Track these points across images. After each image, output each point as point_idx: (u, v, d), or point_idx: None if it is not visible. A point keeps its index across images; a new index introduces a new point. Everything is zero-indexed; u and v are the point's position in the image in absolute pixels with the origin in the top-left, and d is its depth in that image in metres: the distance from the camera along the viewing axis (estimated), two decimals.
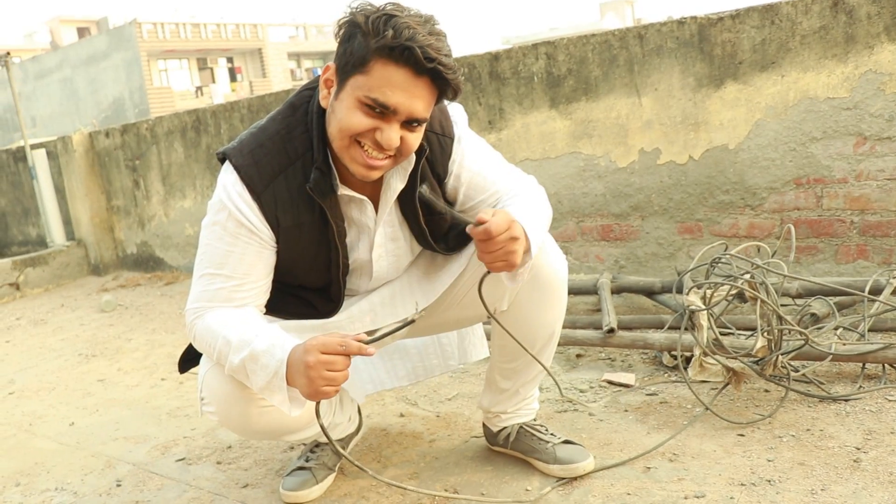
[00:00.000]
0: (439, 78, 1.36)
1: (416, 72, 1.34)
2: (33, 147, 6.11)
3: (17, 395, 3.05)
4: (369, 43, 1.33)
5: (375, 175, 1.45)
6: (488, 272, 1.50)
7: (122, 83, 27.97)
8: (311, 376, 1.33)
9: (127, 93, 27.85)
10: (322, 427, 1.46)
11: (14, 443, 2.50)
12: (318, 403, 1.45)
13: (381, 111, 1.36)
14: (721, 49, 2.85)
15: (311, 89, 1.53)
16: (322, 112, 1.47)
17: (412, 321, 1.45)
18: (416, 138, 1.43)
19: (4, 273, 5.42)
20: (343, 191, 1.51)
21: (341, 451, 1.49)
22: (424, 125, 1.45)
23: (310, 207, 1.50)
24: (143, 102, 27.31)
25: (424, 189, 1.50)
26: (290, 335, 1.45)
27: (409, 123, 1.39)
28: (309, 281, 1.62)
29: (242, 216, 1.48)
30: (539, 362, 1.72)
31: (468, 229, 1.40)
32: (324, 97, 1.45)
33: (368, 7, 1.36)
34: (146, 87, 27.51)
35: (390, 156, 1.43)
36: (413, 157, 1.51)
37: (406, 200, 1.57)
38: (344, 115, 1.39)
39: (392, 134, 1.37)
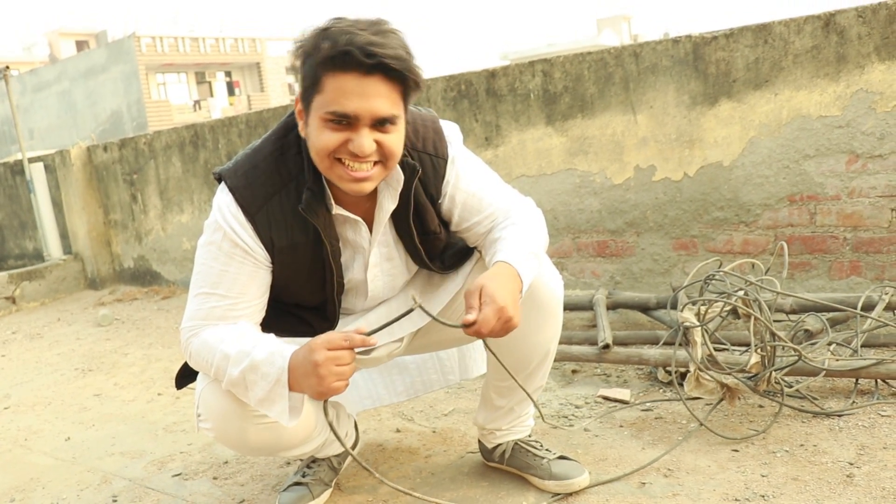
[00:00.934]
0: (391, 71, 1.34)
1: (363, 72, 1.33)
2: (31, 160, 6.12)
3: (13, 409, 3.05)
4: (314, 62, 1.35)
5: (368, 186, 1.43)
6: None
7: (121, 96, 28.03)
8: (322, 374, 1.35)
9: (125, 106, 27.90)
10: (330, 425, 1.48)
11: (9, 458, 2.49)
12: (325, 402, 1.46)
13: (345, 122, 1.36)
14: (715, 67, 2.89)
15: None
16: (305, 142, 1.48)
17: (411, 311, 1.43)
18: (394, 139, 1.41)
19: (1, 286, 5.41)
20: (338, 211, 1.52)
21: (348, 447, 1.51)
22: (402, 124, 1.43)
23: (304, 228, 1.51)
24: (140, 116, 27.36)
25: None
26: (286, 344, 1.46)
27: (380, 125, 1.38)
28: (304, 300, 1.63)
29: (237, 237, 1.49)
30: (525, 390, 1.70)
31: (463, 331, 1.40)
32: (301, 129, 1.46)
33: (310, 29, 1.38)
34: (144, 100, 27.56)
35: (376, 162, 1.41)
36: (401, 177, 1.51)
37: (400, 220, 1.58)
38: (315, 138, 1.40)
39: (363, 140, 1.36)
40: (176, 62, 30.83)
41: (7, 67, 6.28)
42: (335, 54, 1.32)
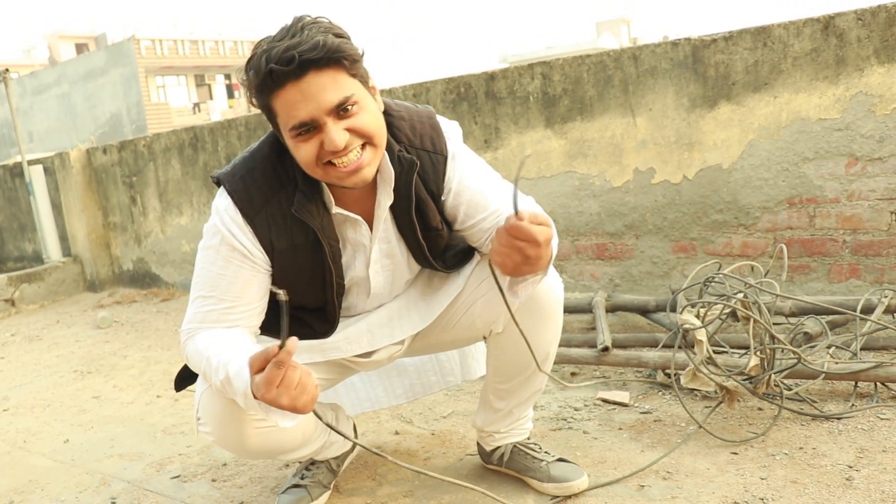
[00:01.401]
0: (317, 62, 1.32)
1: (294, 79, 1.33)
2: (30, 163, 6.12)
3: (12, 411, 3.04)
4: (255, 93, 1.38)
5: (367, 173, 1.42)
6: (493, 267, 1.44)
7: (120, 99, 28.05)
8: (270, 398, 1.28)
9: (124, 109, 27.92)
10: (329, 426, 1.45)
11: (8, 460, 2.49)
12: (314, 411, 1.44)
13: (307, 129, 1.36)
14: (715, 70, 2.89)
15: None
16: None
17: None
18: (364, 119, 1.38)
19: (0, 289, 5.41)
20: (337, 210, 1.53)
21: (353, 438, 1.51)
22: (363, 101, 1.39)
23: (303, 230, 1.51)
24: (140, 118, 27.38)
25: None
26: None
27: (341, 113, 1.36)
28: (305, 301, 1.63)
29: (236, 240, 1.49)
30: (531, 351, 1.64)
31: (507, 221, 1.31)
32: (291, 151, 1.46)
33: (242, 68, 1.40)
34: (144, 103, 27.59)
35: (362, 146, 1.40)
36: (391, 171, 1.49)
37: (402, 215, 1.58)
38: (298, 156, 1.41)
39: (333, 136, 1.35)
40: (175, 65, 30.87)
41: (7, 70, 6.28)
42: (262, 78, 1.34)
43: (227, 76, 34.42)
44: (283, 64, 1.31)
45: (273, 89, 1.34)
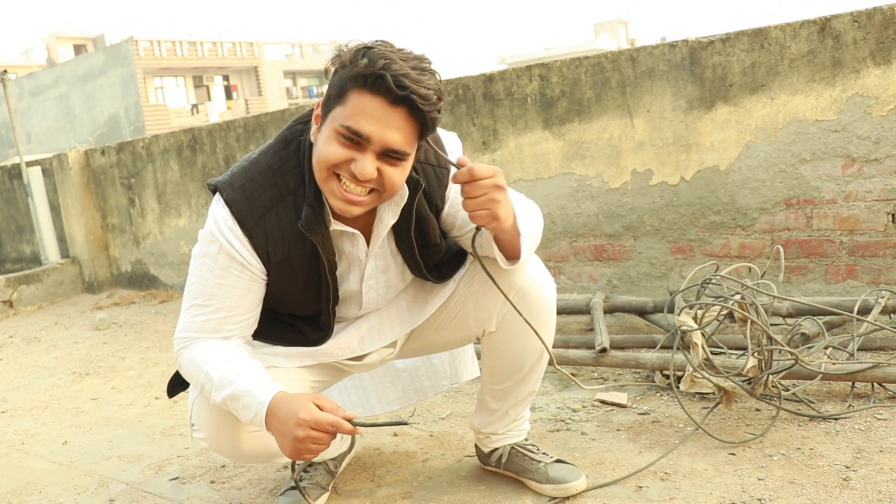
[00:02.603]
0: (415, 109, 1.33)
1: (390, 101, 1.32)
2: (29, 164, 6.11)
3: (10, 413, 3.04)
4: (346, 73, 1.35)
5: (356, 211, 1.43)
6: (478, 229, 1.50)
7: (118, 100, 28.02)
8: (297, 447, 1.37)
9: (123, 110, 27.90)
10: (296, 482, 1.60)
11: (6, 462, 2.49)
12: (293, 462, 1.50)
13: (355, 140, 1.35)
14: (712, 72, 2.90)
15: (303, 123, 1.53)
16: (312, 147, 1.48)
17: (403, 423, 1.44)
18: (397, 173, 1.40)
19: None
20: (335, 226, 1.52)
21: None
22: (409, 162, 1.42)
23: (300, 242, 1.51)
24: (138, 120, 27.35)
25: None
26: (270, 379, 1.48)
27: (388, 156, 1.37)
28: (299, 310, 1.63)
29: (233, 250, 1.48)
30: (536, 332, 1.66)
31: (452, 175, 1.40)
32: (312, 133, 1.46)
33: (354, 42, 1.38)
34: (142, 104, 27.55)
35: (372, 190, 1.40)
36: (406, 192, 1.50)
37: (401, 233, 1.58)
38: (322, 147, 1.40)
39: (366, 164, 1.35)
40: (174, 66, 30.85)
41: (5, 71, 6.28)
42: (368, 73, 1.32)
43: (226, 77, 34.41)
44: (395, 83, 1.30)
45: (366, 88, 1.33)
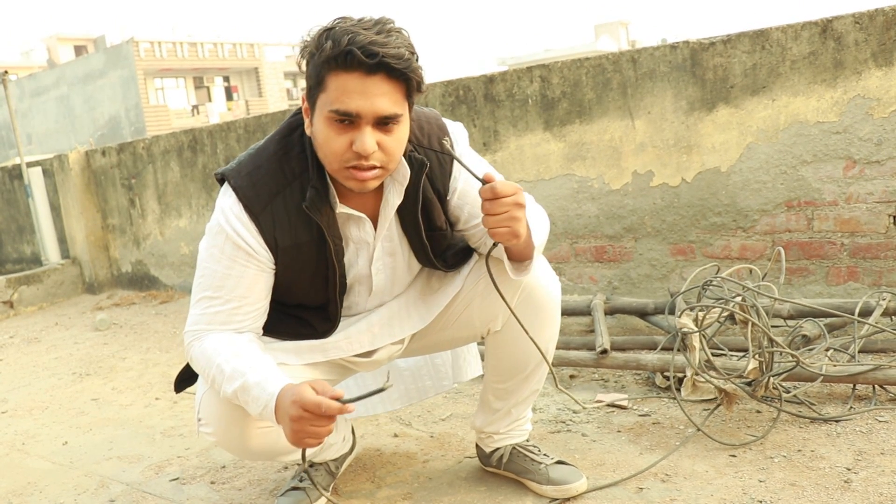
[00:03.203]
0: (393, 71, 1.34)
1: (366, 71, 1.34)
2: (29, 165, 6.12)
3: (10, 413, 3.04)
4: (317, 61, 1.36)
5: (371, 185, 1.44)
6: (495, 244, 1.50)
7: (119, 101, 28.04)
8: (294, 429, 1.34)
9: (123, 111, 27.91)
10: (307, 472, 1.53)
11: (7, 462, 2.49)
12: (303, 450, 1.46)
13: (347, 120, 1.37)
14: (713, 73, 2.90)
15: None
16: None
17: (382, 390, 1.37)
18: (396, 139, 1.42)
19: None
20: (341, 209, 1.53)
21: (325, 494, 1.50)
22: (403, 123, 1.43)
23: (308, 227, 1.52)
24: (139, 121, 27.36)
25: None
26: (281, 372, 1.47)
27: (383, 124, 1.39)
28: (307, 300, 1.64)
29: (241, 239, 1.49)
30: (530, 336, 1.65)
31: (479, 190, 1.40)
32: (306, 127, 1.47)
33: (315, 29, 1.39)
34: (142, 105, 27.57)
35: (376, 165, 1.42)
36: (408, 172, 1.52)
37: (407, 215, 1.58)
38: (322, 139, 1.41)
39: (366, 139, 1.37)
40: (174, 67, 30.86)
41: (6, 72, 6.29)
42: (337, 54, 1.33)
43: (226, 78, 34.44)
44: (364, 53, 1.31)
45: (340, 68, 1.34)
